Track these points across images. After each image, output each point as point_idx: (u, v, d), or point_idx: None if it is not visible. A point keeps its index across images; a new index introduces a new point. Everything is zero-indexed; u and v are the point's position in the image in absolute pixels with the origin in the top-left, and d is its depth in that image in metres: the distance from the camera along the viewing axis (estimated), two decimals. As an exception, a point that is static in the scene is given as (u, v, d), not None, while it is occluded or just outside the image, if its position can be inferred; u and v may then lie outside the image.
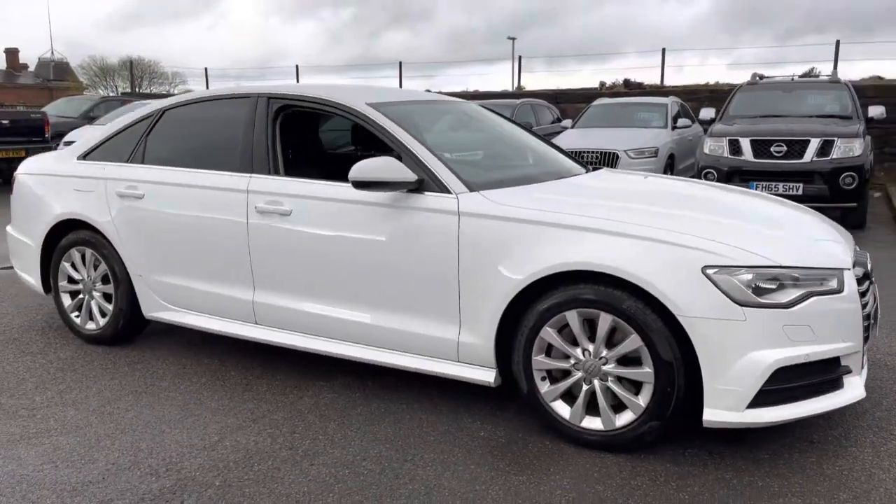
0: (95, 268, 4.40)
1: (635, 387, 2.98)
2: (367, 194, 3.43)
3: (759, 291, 2.78)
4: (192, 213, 3.93)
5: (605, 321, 2.94)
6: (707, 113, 10.54)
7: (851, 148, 8.42)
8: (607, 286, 2.92)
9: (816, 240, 3.19)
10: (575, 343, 3.06)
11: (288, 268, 3.67)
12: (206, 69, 23.76)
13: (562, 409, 3.11)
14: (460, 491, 2.75)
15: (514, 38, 30.61)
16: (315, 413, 3.47)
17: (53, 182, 4.54)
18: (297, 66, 22.75)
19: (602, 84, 16.64)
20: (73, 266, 4.49)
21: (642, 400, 2.93)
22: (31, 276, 4.73)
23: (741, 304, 2.76)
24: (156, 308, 4.22)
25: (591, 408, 3.08)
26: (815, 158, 8.46)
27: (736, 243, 2.87)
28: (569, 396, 3.13)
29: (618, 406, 3.02)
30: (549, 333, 3.06)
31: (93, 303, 4.47)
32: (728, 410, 2.80)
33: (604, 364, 3.00)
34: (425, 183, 3.35)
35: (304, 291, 3.66)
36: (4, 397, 3.69)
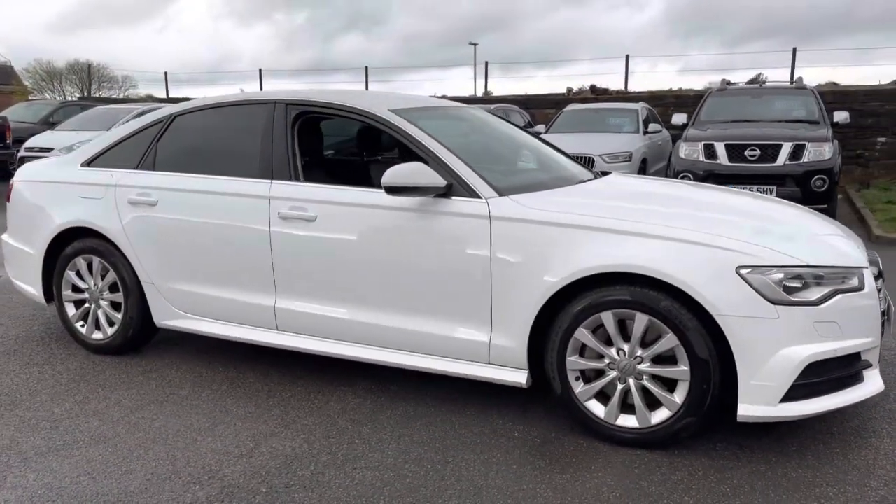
0: (103, 276, 4.33)
1: (668, 385, 3.07)
2: (395, 199, 3.46)
3: (788, 290, 2.90)
4: (210, 220, 3.91)
5: (640, 321, 3.02)
6: (679, 118, 10.79)
7: (822, 152, 8.74)
8: (643, 287, 3.01)
9: (832, 240, 3.32)
10: (609, 343, 3.13)
11: (312, 273, 3.67)
12: (165, 73, 23.40)
13: (596, 408, 3.18)
14: (509, 490, 2.80)
15: (475, 44, 30.83)
16: (345, 417, 3.48)
17: (56, 189, 4.45)
18: (259, 70, 22.53)
19: (569, 90, 16.88)
20: (79, 275, 4.41)
21: (678, 397, 3.02)
22: (32, 286, 4.62)
23: (774, 303, 2.87)
24: (169, 316, 4.17)
25: (624, 406, 3.16)
26: (787, 162, 8.75)
27: (766, 244, 2.99)
28: (602, 395, 3.20)
29: (651, 404, 3.10)
30: (583, 334, 3.14)
31: (100, 312, 4.39)
32: (762, 405, 2.91)
33: (639, 363, 3.08)
34: (454, 188, 3.39)
35: (329, 297, 3.66)
36: (21, 410, 3.61)
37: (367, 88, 20.37)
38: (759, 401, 2.91)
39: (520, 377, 3.31)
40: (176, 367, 4.18)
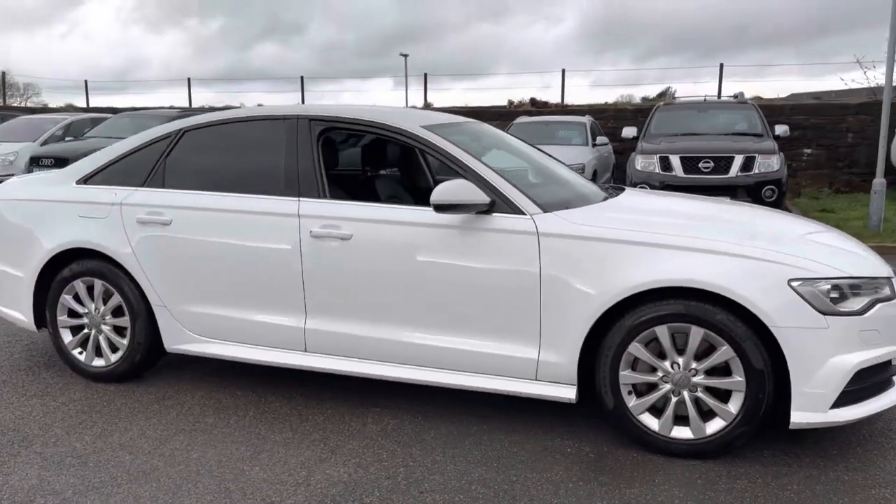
0: (105, 300, 4.10)
1: (719, 395, 3.16)
2: (438, 217, 3.43)
3: (834, 301, 3.03)
4: (232, 239, 3.76)
5: (696, 334, 3.10)
6: (629, 131, 11.13)
7: (770, 163, 9.19)
8: (698, 300, 3.08)
9: (858, 252, 3.49)
10: (661, 356, 3.19)
11: (348, 292, 3.59)
12: (86, 81, 22.35)
13: (650, 421, 3.24)
14: (595, 501, 2.81)
15: (406, 55, 30.75)
16: (390, 440, 3.41)
17: (50, 208, 4.19)
18: (188, 79, 21.84)
19: (510, 102, 17.13)
20: (76, 299, 4.16)
21: (733, 407, 3.10)
22: (19, 312, 4.32)
23: (824, 313, 3.00)
24: (181, 340, 3.98)
25: (676, 418, 3.22)
26: (739, 173, 9.16)
27: (811, 256, 3.12)
28: (653, 408, 3.26)
29: (705, 415, 3.18)
30: (637, 348, 3.19)
31: (101, 338, 4.15)
32: (814, 412, 3.03)
33: (693, 375, 3.15)
34: (496, 204, 3.39)
35: (366, 316, 3.59)
36: (37, 446, 3.37)
37: (303, 100, 20.08)
38: (811, 408, 3.03)
39: (569, 393, 3.33)
40: (190, 394, 3.99)
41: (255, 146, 3.94)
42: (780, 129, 10.44)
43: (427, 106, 19.02)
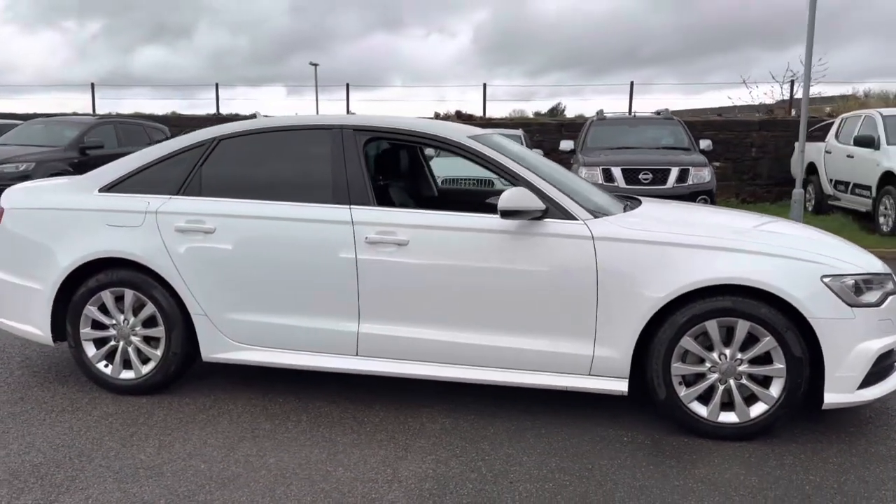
0: (135, 310, 4.01)
1: (760, 382, 3.50)
2: (491, 222, 3.62)
3: (857, 294, 3.44)
4: (281, 247, 3.80)
5: (742, 327, 3.43)
6: (567, 144, 11.64)
7: (703, 175, 9.89)
8: (745, 296, 3.42)
9: (860, 251, 3.94)
10: (709, 348, 3.50)
11: (404, 297, 3.70)
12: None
13: (699, 408, 3.54)
14: (667, 488, 3.06)
15: (316, 65, 30.51)
16: (454, 437, 3.55)
17: (72, 217, 4.06)
18: (92, 85, 20.82)
19: (437, 114, 17.41)
20: (102, 310, 4.05)
21: (774, 392, 3.45)
22: (33, 325, 4.15)
23: (851, 305, 3.40)
24: (221, 349, 3.96)
25: (722, 404, 3.54)
26: (675, 184, 9.80)
27: (835, 255, 3.53)
28: (701, 397, 3.56)
29: (747, 400, 3.51)
30: (688, 342, 3.48)
31: (130, 349, 4.06)
32: (844, 393, 3.42)
33: (739, 365, 3.48)
34: (549, 211, 3.61)
35: (423, 319, 3.71)
36: (99, 459, 3.29)
37: (217, 107, 19.60)
38: (842, 389, 3.42)
39: (621, 386, 3.59)
40: (230, 402, 3.97)
41: (296, 155, 3.98)
42: (704, 144, 11.24)
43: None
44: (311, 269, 3.78)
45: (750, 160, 15.44)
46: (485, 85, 18.58)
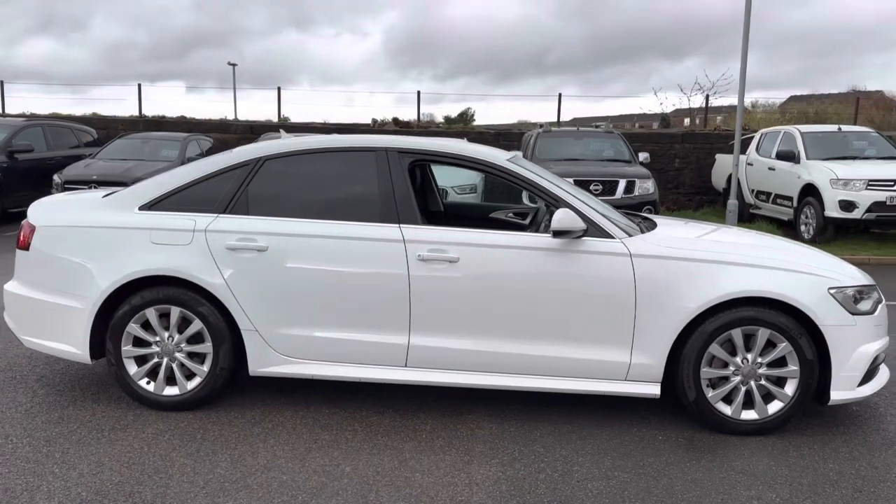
0: (181, 327, 4.07)
1: (776, 382, 3.94)
2: (537, 240, 3.93)
3: (856, 303, 3.94)
4: (334, 264, 3.96)
5: (763, 334, 3.86)
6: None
7: (647, 187, 10.54)
8: (765, 307, 3.85)
9: (847, 264, 4.46)
10: (733, 353, 3.92)
11: (454, 310, 3.94)
12: None
13: (724, 408, 3.95)
14: (715, 480, 3.43)
15: (234, 65, 29.97)
16: (507, 441, 3.81)
17: (113, 235, 4.07)
18: (1, 82, 19.75)
19: (374, 121, 17.54)
20: (145, 327, 4.08)
21: (789, 391, 3.90)
22: (69, 344, 4.12)
23: (852, 313, 3.89)
24: (270, 363, 4.07)
25: (728, 402, 3.95)
26: (623, 195, 10.40)
27: (836, 269, 4.02)
28: (725, 397, 3.97)
29: (764, 398, 3.94)
30: (716, 348, 3.89)
31: (174, 365, 4.10)
32: (847, 390, 3.91)
33: (759, 368, 3.91)
34: (588, 230, 3.95)
35: (471, 331, 3.95)
36: (178, 476, 3.36)
37: (140, 105, 19.01)
38: (845, 387, 3.90)
39: (655, 389, 3.96)
40: (279, 415, 4.09)
41: (342, 175, 4.15)
42: (643, 156, 11.94)
43: (284, 120, 18.86)
44: (363, 285, 3.96)
45: (674, 171, 16.40)
46: (419, 93, 18.90)
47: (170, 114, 18.95)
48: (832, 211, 10.68)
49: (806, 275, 3.91)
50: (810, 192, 11.23)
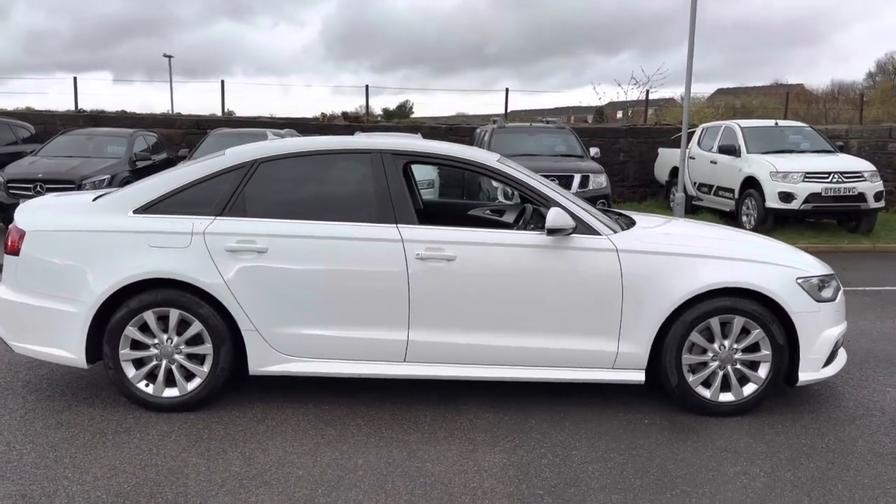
0: (180, 329, 4.11)
1: (750, 366, 4.24)
2: (529, 238, 4.14)
3: (819, 291, 4.28)
4: (334, 264, 4.06)
5: (738, 322, 4.15)
6: (470, 150, 12.26)
7: (601, 181, 10.89)
8: (739, 297, 4.14)
9: (806, 254, 4.80)
10: (711, 340, 4.20)
11: (452, 306, 4.10)
12: None
13: (703, 391, 4.23)
14: (704, 458, 3.70)
15: (170, 56, 29.23)
16: (505, 430, 4.00)
17: (108, 239, 4.08)
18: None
19: (324, 115, 17.46)
20: (143, 330, 4.11)
21: (762, 374, 4.21)
22: (64, 349, 4.11)
23: (817, 301, 4.22)
24: (270, 362, 4.15)
25: (707, 385, 4.24)
26: (578, 190, 10.71)
27: (802, 260, 4.35)
28: (704, 381, 4.25)
29: (740, 381, 4.24)
30: (696, 336, 4.16)
31: (174, 367, 4.14)
32: (813, 372, 4.24)
33: (734, 353, 4.21)
34: (577, 228, 4.16)
35: (468, 326, 4.12)
36: (194, 475, 3.43)
37: (76, 99, 18.44)
38: (811, 369, 4.24)
39: (640, 376, 4.21)
40: (279, 412, 4.17)
41: (339, 177, 4.26)
42: (594, 151, 12.30)
43: (229, 114, 18.58)
44: (363, 284, 4.08)
45: (619, 164, 16.90)
46: (367, 87, 18.90)
47: (104, 106, 18.41)
48: (772, 202, 11.26)
49: (777, 266, 4.22)
50: (751, 184, 11.80)
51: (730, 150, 12.49)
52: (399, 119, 23.65)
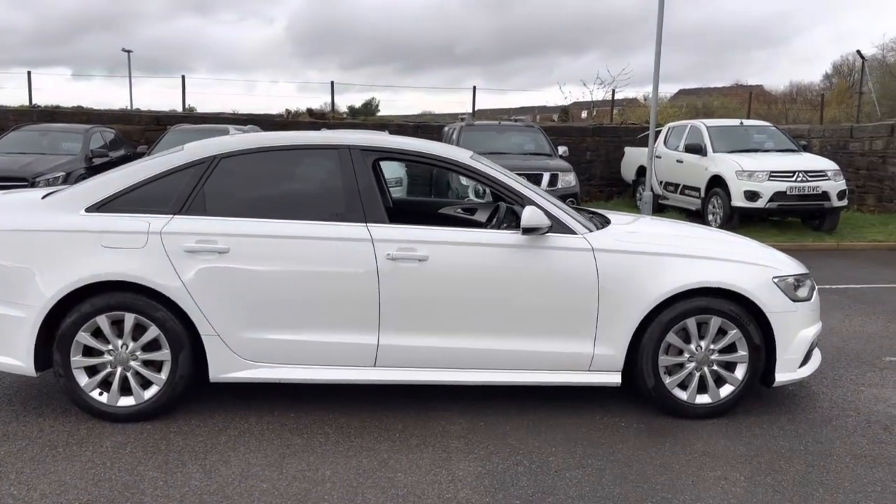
0: (135, 334, 3.89)
1: (726, 367, 4.16)
2: (503, 237, 4.01)
3: (795, 290, 4.22)
4: (300, 265, 3.88)
5: (715, 323, 4.07)
6: (438, 148, 12.13)
7: (569, 180, 10.84)
8: (715, 297, 4.06)
9: (782, 254, 4.75)
10: (687, 341, 4.12)
11: (425, 309, 3.94)
12: None
13: (680, 393, 4.14)
14: (682, 462, 3.61)
15: (129, 51, 28.54)
16: (480, 436, 3.87)
17: (57, 238, 3.84)
18: None
19: (288, 112, 17.15)
20: (96, 335, 3.88)
21: (739, 375, 4.14)
22: (11, 356, 3.86)
23: (793, 300, 4.17)
24: (232, 368, 3.95)
25: (683, 387, 4.16)
26: (547, 188, 10.63)
27: (778, 259, 4.29)
28: (681, 383, 4.16)
29: (717, 382, 4.16)
30: (672, 337, 4.07)
31: (129, 374, 3.92)
32: (790, 372, 4.19)
33: (711, 354, 4.12)
34: (553, 227, 4.04)
35: (441, 329, 3.97)
36: (150, 490, 3.22)
37: (30, 96, 17.86)
38: (787, 369, 4.18)
39: (616, 378, 4.11)
40: (242, 421, 3.98)
41: (305, 173, 4.08)
42: (562, 150, 12.27)
43: (190, 111, 18.15)
44: (331, 286, 3.90)
45: (585, 162, 16.90)
46: (332, 83, 18.63)
47: (60, 102, 17.88)
48: (738, 201, 11.32)
49: (753, 265, 4.15)
50: (717, 183, 11.85)
51: (696, 149, 12.54)
52: (365, 117, 23.40)
